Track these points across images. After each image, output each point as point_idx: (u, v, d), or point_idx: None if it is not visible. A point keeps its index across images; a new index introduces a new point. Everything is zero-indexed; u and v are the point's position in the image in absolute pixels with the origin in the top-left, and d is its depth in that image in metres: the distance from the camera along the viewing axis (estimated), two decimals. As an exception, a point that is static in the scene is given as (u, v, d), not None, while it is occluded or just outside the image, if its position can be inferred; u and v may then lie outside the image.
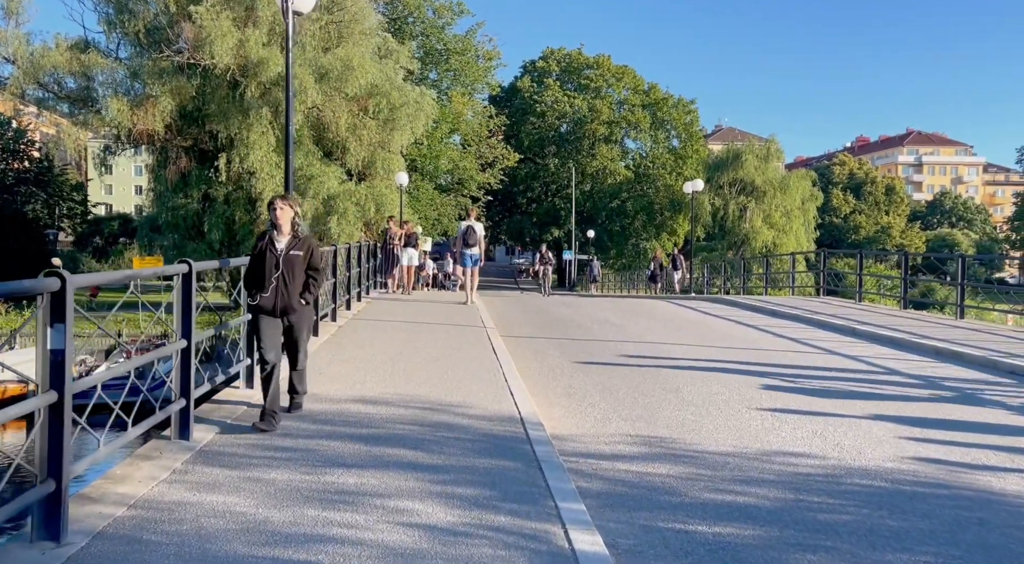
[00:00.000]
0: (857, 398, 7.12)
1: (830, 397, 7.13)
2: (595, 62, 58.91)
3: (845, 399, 7.07)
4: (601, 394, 7.25)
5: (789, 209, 48.05)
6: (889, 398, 7.17)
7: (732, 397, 7.11)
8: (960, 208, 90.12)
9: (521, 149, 51.84)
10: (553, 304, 17.38)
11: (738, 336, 11.48)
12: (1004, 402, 7.08)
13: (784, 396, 7.21)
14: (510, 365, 8.21)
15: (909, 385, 7.80)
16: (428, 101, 30.51)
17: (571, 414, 6.50)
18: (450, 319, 12.36)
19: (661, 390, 7.45)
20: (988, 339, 10.62)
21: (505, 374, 7.63)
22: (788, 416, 6.37)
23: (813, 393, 7.31)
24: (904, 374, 8.35)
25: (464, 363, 8.22)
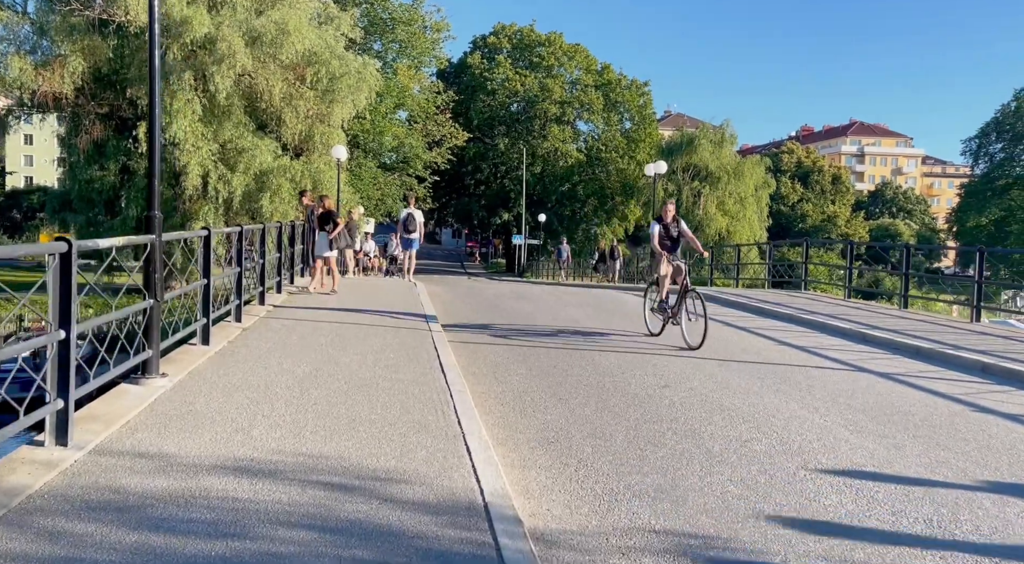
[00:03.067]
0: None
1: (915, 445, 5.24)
2: (547, 40, 56.72)
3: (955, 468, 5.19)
4: (592, 444, 5.18)
5: (743, 196, 46.96)
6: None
7: (774, 447, 5.13)
8: (901, 199, 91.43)
9: (470, 128, 49.42)
10: (507, 296, 15.29)
11: (735, 343, 9.59)
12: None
13: (846, 446, 5.28)
14: (463, 394, 6.07)
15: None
16: (371, 72, 28.03)
17: (556, 484, 4.41)
18: (386, 316, 10.13)
19: (672, 433, 5.43)
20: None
21: (458, 410, 5.49)
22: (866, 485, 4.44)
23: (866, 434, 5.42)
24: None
25: (402, 390, 6.04)
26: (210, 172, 23.96)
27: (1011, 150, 64.89)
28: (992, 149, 66.29)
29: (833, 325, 10.93)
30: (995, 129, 65.82)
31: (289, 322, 9.26)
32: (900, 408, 6.31)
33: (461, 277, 43.03)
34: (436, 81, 46.10)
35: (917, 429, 5.66)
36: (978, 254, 11.74)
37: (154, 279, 5.51)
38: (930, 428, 5.70)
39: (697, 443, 5.19)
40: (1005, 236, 61.91)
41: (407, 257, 18.19)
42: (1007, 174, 64.68)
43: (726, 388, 6.90)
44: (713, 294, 15.36)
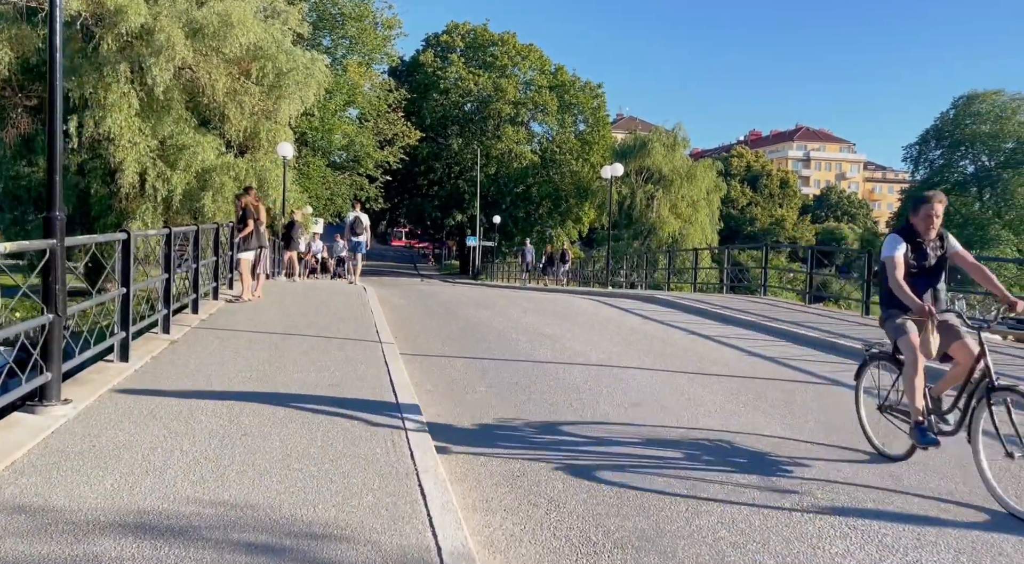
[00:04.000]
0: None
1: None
2: (501, 39, 56.26)
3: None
4: (564, 478, 4.60)
5: (695, 199, 47.22)
6: None
7: (764, 481, 4.63)
8: (845, 203, 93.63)
9: (423, 127, 48.59)
10: (462, 302, 14.66)
11: (704, 353, 9.15)
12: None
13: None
14: (418, 420, 5.44)
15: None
16: (320, 68, 27.14)
17: (525, 532, 3.81)
18: (332, 327, 9.41)
19: (660, 476, 4.89)
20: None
21: (411, 441, 4.86)
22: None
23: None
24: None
25: (346, 417, 5.38)
26: (148, 169, 22.77)
27: (949, 157, 66.89)
28: (932, 156, 68.22)
29: (799, 333, 10.60)
30: (934, 136, 67.76)
31: (224, 334, 8.48)
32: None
33: (414, 279, 42.19)
34: (388, 79, 45.23)
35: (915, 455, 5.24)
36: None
37: (54, 290, 4.74)
38: (925, 454, 5.28)
39: (678, 471, 4.66)
40: (945, 240, 63.74)
41: (355, 260, 18.45)
42: (946, 180, 66.58)
43: (700, 406, 6.41)
44: (672, 300, 15.01)
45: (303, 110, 27.13)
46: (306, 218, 26.95)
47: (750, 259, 48.68)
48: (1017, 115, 62.80)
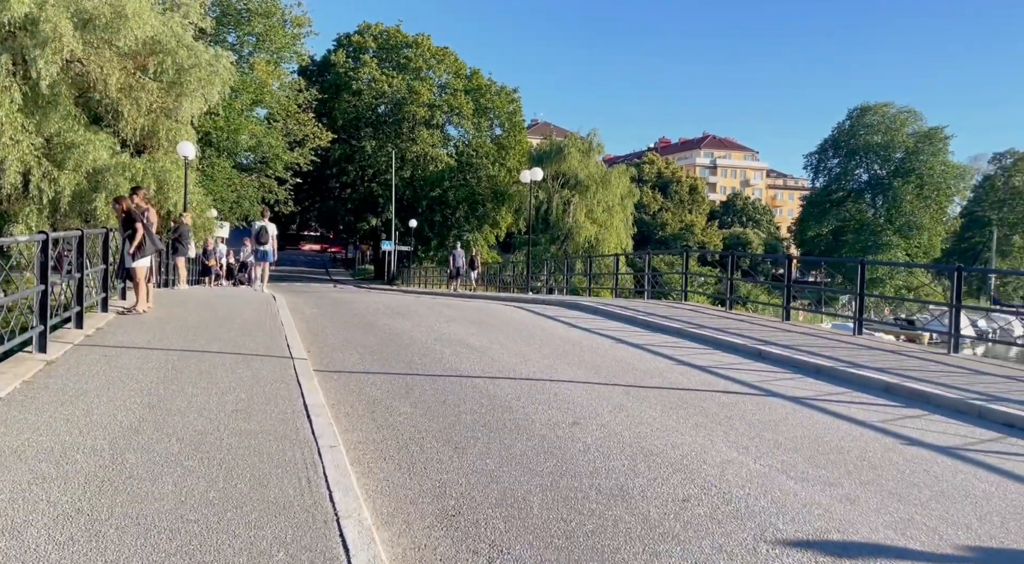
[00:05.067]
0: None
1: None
2: (415, 41, 55.40)
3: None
4: (504, 515, 4.09)
5: (611, 204, 47.77)
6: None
7: (719, 508, 4.26)
8: (749, 209, 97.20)
9: (335, 128, 47.18)
10: (380, 311, 13.94)
11: (636, 365, 8.85)
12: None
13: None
14: (336, 449, 4.81)
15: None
16: (225, 65, 25.75)
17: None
18: (238, 342, 8.59)
19: (596, 492, 4.45)
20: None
21: (329, 478, 4.24)
22: None
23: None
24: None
25: (254, 448, 4.70)
26: (32, 169, 20.95)
27: (846, 165, 70.43)
28: (830, 164, 71.67)
29: (725, 340, 10.50)
30: (832, 146, 71.25)
31: (112, 351, 7.56)
32: (830, 443, 5.70)
33: (326, 285, 40.81)
34: (297, 78, 43.71)
35: (860, 472, 5.03)
36: (860, 266, 11.75)
37: None
38: (872, 470, 5.08)
39: (629, 507, 4.25)
40: (841, 245, 67.00)
41: (261, 268, 18.73)
42: (843, 187, 70.13)
43: (641, 424, 6.05)
44: (597, 306, 14.77)
45: (207, 109, 25.73)
46: (208, 222, 25.51)
47: (663, 263, 49.78)
48: (905, 127, 66.73)
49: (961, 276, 10.15)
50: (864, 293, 11.70)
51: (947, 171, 65.52)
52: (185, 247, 18.23)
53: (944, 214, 69.56)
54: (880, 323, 31.56)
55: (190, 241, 19.93)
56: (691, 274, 18.69)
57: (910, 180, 65.08)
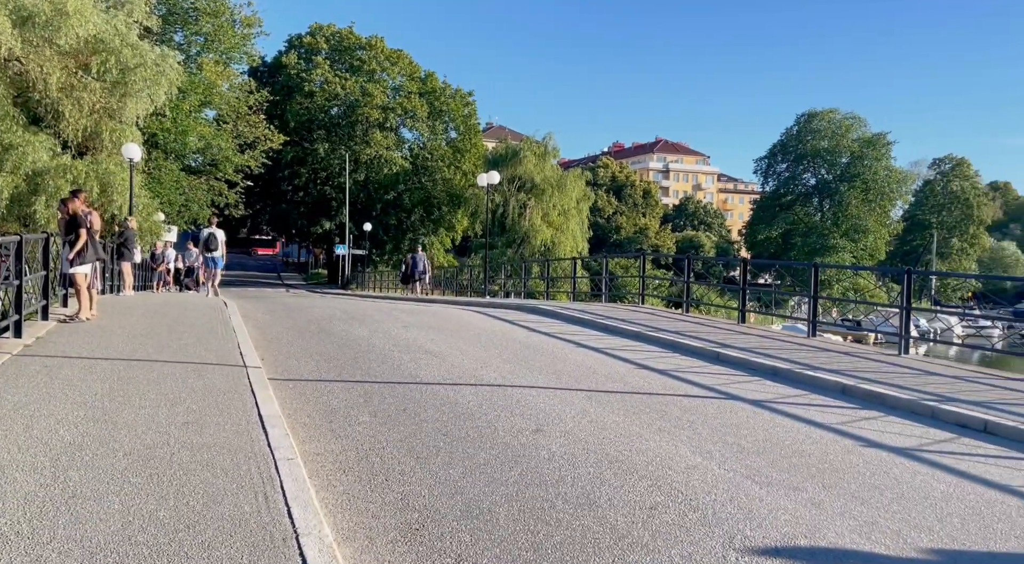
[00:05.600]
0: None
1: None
2: (368, 43, 54.91)
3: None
4: (470, 527, 3.98)
5: (567, 208, 47.99)
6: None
7: (686, 515, 4.22)
8: (702, 212, 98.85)
9: (287, 131, 46.40)
10: (335, 316, 13.67)
11: (596, 369, 8.82)
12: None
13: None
14: (293, 462, 4.64)
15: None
16: (172, 65, 25.09)
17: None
18: (189, 350, 8.30)
19: (563, 501, 4.37)
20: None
21: (287, 492, 4.07)
22: None
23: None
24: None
25: (206, 462, 4.50)
26: (-34, 172, 20.13)
27: (794, 170, 72.17)
28: (779, 168, 73.34)
29: (684, 344, 10.57)
30: (780, 151, 72.92)
31: (53, 361, 7.21)
32: (792, 447, 5.74)
33: (279, 290, 40.09)
34: (248, 79, 42.87)
35: (822, 475, 5.06)
36: (813, 269, 11.96)
37: None
38: (835, 473, 5.12)
39: (597, 516, 4.18)
40: (790, 247, 68.56)
41: (210, 275, 18.86)
42: (792, 191, 71.83)
43: (605, 429, 6.01)
44: (556, 310, 14.75)
45: (153, 110, 25.06)
46: (155, 225, 24.79)
47: (619, 267, 50.13)
48: (850, 132, 68.68)
49: (911, 279, 10.40)
50: (818, 296, 11.91)
51: (890, 176, 67.65)
52: (131, 252, 17.64)
53: (888, 217, 71.78)
54: (831, 325, 32.32)
55: (136, 246, 19.32)
56: (647, 277, 18.87)
57: (855, 184, 66.98)
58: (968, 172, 79.01)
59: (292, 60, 52.71)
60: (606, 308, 15.93)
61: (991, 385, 8.09)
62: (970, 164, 79.30)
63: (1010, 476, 5.18)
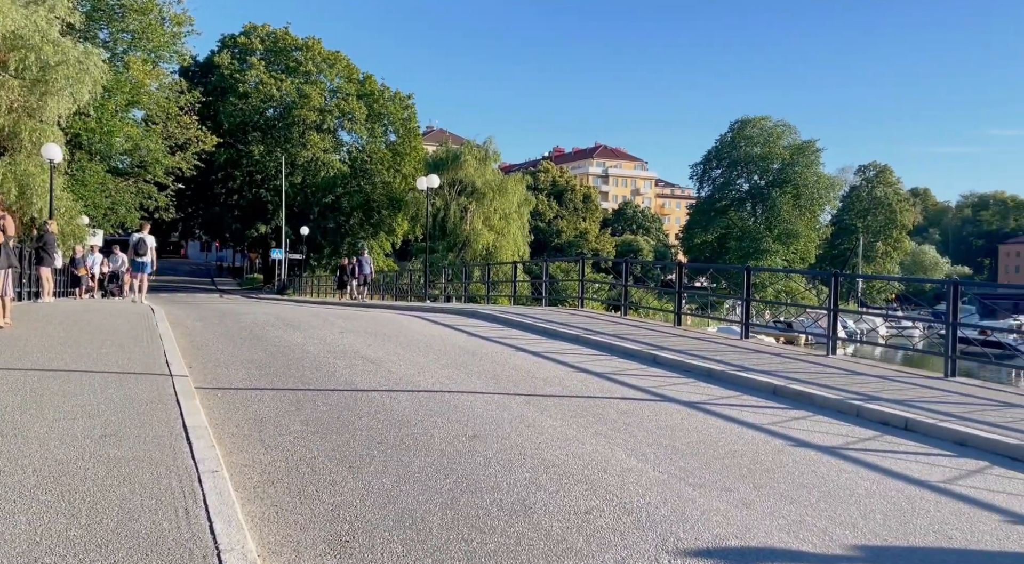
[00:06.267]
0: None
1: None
2: (305, 44, 53.96)
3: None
4: (402, 537, 3.89)
5: (508, 212, 48.10)
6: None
7: (621, 519, 4.22)
8: (640, 217, 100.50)
9: (220, 132, 45.16)
10: (269, 323, 13.33)
11: (535, 372, 8.81)
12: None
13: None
14: (218, 475, 4.46)
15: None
16: (96, 63, 24.16)
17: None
18: (110, 359, 7.94)
19: (498, 508, 4.32)
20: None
21: (210, 506, 3.91)
22: None
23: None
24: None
25: (124, 477, 4.28)
26: None
27: (728, 175, 73.97)
28: (714, 174, 75.07)
29: (622, 346, 10.67)
30: (715, 157, 74.67)
31: (-39, 374, 6.79)
32: (725, 447, 5.83)
33: (212, 296, 38.94)
34: (179, 79, 41.55)
35: (753, 475, 5.14)
36: (745, 273, 12.23)
37: None
38: (765, 473, 5.21)
39: (532, 522, 4.14)
40: (725, 251, 70.23)
41: (138, 280, 18.47)
42: (726, 196, 73.59)
43: (542, 434, 5.99)
44: (496, 314, 14.72)
45: (76, 109, 24.10)
46: (79, 229, 23.81)
47: (559, 270, 50.51)
48: (781, 139, 70.81)
49: (838, 282, 10.74)
50: (750, 298, 12.19)
51: (819, 182, 69.98)
52: (50, 257, 16.85)
53: (817, 222, 74.22)
54: (763, 327, 33.23)
55: (56, 250, 18.47)
56: (587, 281, 19.05)
57: (787, 190, 69.06)
58: (891, 179, 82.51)
59: (225, 60, 51.40)
60: (546, 312, 15.98)
61: (912, 384, 8.41)
62: (892, 171, 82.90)
63: (928, 472, 5.37)
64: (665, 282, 70.69)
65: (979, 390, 8.26)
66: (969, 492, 4.96)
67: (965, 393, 7.97)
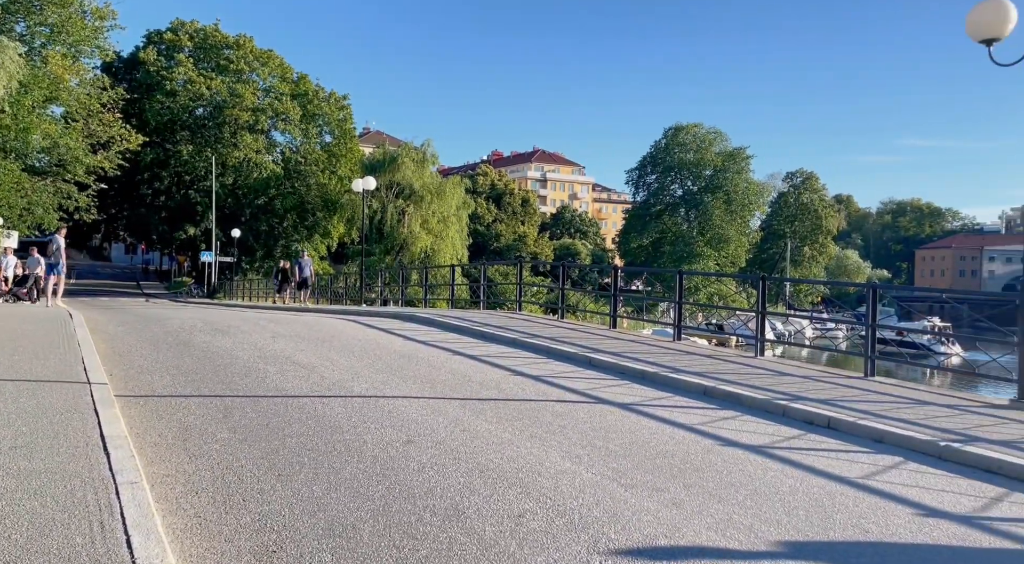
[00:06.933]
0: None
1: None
2: (236, 42, 52.62)
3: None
4: (332, 545, 3.81)
5: (446, 215, 47.92)
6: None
7: (553, 521, 4.24)
8: (578, 221, 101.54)
9: (147, 131, 43.60)
10: (197, 328, 12.91)
11: (472, 376, 8.78)
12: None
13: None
14: (137, 486, 4.28)
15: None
16: (11, 57, 23.16)
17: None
18: (22, 367, 7.55)
19: (431, 514, 4.28)
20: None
21: (127, 519, 3.74)
22: None
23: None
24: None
25: (35, 492, 4.07)
26: None
27: (663, 181, 75.45)
28: (649, 180, 76.48)
29: (558, 349, 10.74)
30: (650, 162, 76.09)
31: None
32: (657, 448, 5.92)
33: (137, 300, 37.53)
34: (101, 75, 39.96)
35: (684, 475, 5.24)
36: (678, 276, 12.49)
37: None
38: (695, 472, 5.32)
39: (464, 527, 4.12)
40: (660, 255, 71.62)
41: (52, 282, 18.13)
42: (661, 201, 75.07)
43: (477, 438, 5.97)
44: (433, 318, 14.62)
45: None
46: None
47: (498, 274, 50.62)
48: (713, 146, 72.67)
49: (766, 285, 11.06)
50: (683, 301, 12.44)
51: (749, 188, 72.06)
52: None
53: (747, 227, 76.39)
54: (695, 329, 34.01)
55: None
56: (525, 284, 19.13)
57: (718, 196, 70.87)
58: (817, 185, 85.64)
59: (151, 57, 49.69)
60: (484, 315, 15.97)
61: (835, 384, 8.73)
62: (818, 178, 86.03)
63: (848, 469, 5.58)
64: (602, 285, 71.69)
65: (896, 389, 8.63)
66: (885, 487, 5.17)
67: (883, 392, 8.32)
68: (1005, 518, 4.67)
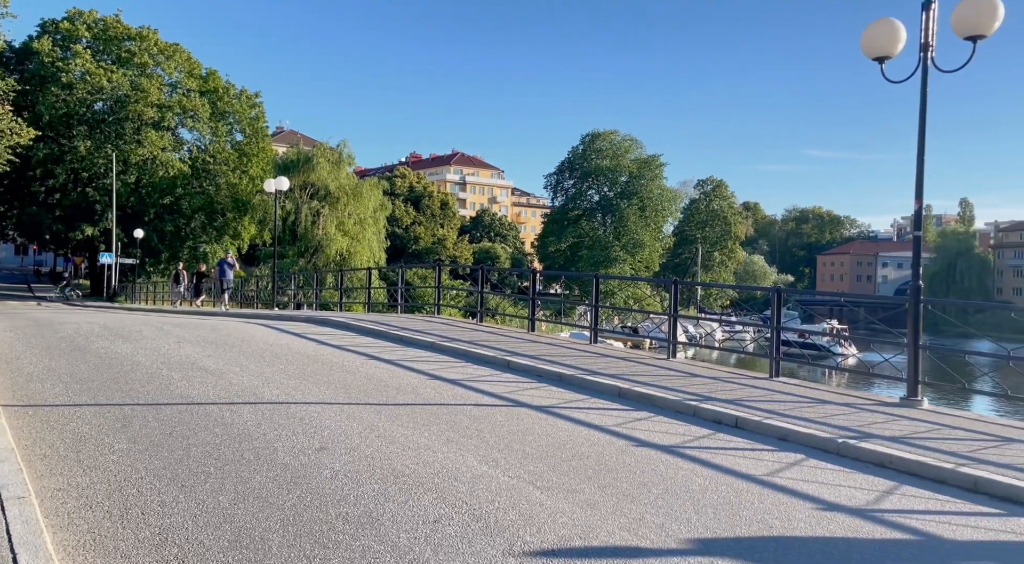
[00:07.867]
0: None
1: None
2: (138, 34, 50.18)
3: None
4: (239, 558, 3.67)
5: (362, 217, 47.16)
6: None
7: (469, 526, 4.22)
8: (497, 225, 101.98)
9: (39, 125, 41.04)
10: (95, 333, 12.22)
11: (388, 381, 8.65)
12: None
13: None
14: (24, 501, 4.01)
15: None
16: None
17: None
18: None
19: (344, 522, 4.18)
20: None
21: (12, 536, 3.50)
22: None
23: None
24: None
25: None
26: None
27: (580, 186, 76.68)
28: (566, 185, 77.60)
29: (477, 353, 10.72)
30: (568, 168, 77.22)
31: None
32: (572, 450, 5.98)
33: (29, 303, 35.30)
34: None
35: (598, 475, 5.32)
36: (595, 280, 12.69)
37: None
38: (609, 473, 5.40)
39: (378, 535, 4.04)
40: (578, 259, 72.70)
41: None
42: (578, 206, 76.24)
43: (393, 444, 5.88)
44: (349, 322, 14.35)
45: None
46: None
47: (416, 277, 50.22)
48: (629, 153, 74.39)
49: (678, 289, 11.38)
50: (599, 305, 12.65)
51: (663, 194, 74.10)
52: None
53: (661, 232, 78.48)
54: (611, 332, 34.68)
55: None
56: (444, 288, 18.99)
57: (633, 202, 72.56)
58: (726, 193, 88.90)
59: (46, 46, 46.78)
60: (402, 319, 15.79)
61: (742, 384, 9.05)
62: (727, 186, 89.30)
63: (755, 466, 5.79)
64: (521, 289, 72.14)
65: (798, 388, 9.03)
66: (788, 483, 5.39)
67: (787, 392, 8.68)
68: (895, 510, 4.95)
